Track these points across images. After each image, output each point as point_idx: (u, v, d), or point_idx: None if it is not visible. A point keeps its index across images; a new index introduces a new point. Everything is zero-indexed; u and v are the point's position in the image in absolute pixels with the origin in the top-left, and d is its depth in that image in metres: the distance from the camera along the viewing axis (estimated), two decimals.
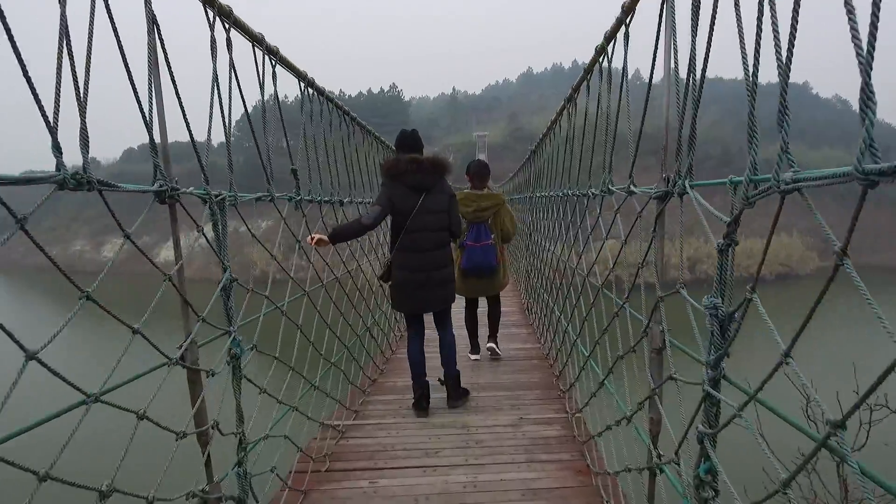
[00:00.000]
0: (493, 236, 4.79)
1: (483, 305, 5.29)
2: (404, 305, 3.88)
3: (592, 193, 3.08)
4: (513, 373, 4.74)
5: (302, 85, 3.21)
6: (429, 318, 4.05)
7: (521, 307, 7.95)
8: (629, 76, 2.34)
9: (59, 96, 1.20)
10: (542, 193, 5.80)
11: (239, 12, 2.10)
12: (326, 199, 3.74)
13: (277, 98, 2.72)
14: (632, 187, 2.20)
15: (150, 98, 1.68)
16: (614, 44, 2.48)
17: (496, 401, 4.05)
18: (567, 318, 4.03)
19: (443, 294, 3.85)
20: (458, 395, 4.02)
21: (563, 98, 4.16)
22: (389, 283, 3.91)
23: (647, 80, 1.96)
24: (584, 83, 3.10)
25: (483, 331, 5.37)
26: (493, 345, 5.24)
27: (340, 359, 3.88)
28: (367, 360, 4.78)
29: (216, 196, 2.05)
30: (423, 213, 3.68)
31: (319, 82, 3.46)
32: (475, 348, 5.25)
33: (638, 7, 2.08)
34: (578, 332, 3.50)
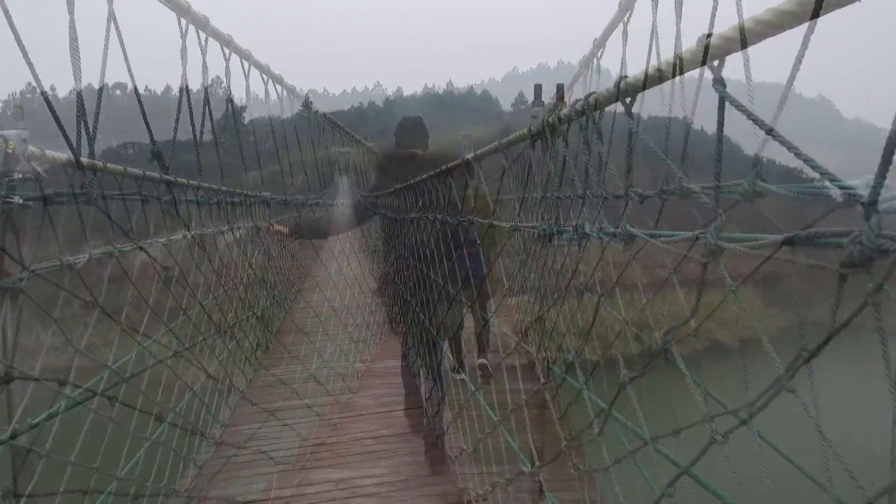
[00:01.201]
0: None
1: (469, 323, 4.62)
2: (398, 328, 3.41)
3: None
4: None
5: (183, 23, 1.91)
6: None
7: (512, 327, 6.94)
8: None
9: None
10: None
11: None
12: (233, 198, 2.51)
13: (112, 21, 1.50)
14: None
15: None
16: None
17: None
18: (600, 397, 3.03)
19: (446, 316, 3.01)
20: (442, 458, 3.15)
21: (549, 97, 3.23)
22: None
23: None
24: (621, 26, 2.07)
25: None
26: (484, 361, 4.34)
27: None
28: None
29: None
30: None
31: (310, 83, 2.35)
32: (460, 365, 4.48)
33: None
34: (607, 412, 2.51)
